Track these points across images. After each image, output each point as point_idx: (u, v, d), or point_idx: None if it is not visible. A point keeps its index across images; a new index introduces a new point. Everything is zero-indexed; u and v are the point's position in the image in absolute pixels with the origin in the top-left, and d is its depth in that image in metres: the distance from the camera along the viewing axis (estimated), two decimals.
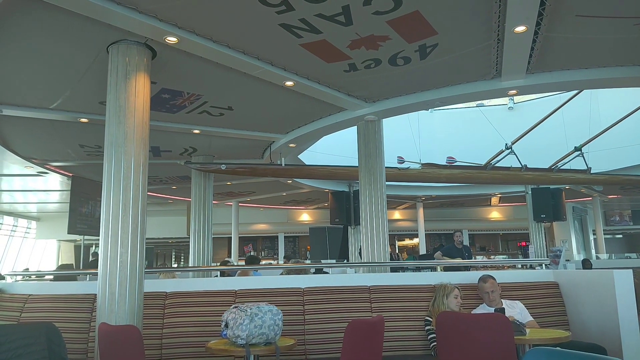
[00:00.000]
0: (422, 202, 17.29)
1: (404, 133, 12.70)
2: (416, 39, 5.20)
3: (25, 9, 4.38)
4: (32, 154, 9.66)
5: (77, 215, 11.62)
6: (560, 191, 14.11)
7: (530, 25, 4.81)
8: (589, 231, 19.06)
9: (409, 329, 4.80)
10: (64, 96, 6.51)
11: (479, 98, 7.83)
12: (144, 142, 4.89)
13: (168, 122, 7.74)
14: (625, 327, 4.26)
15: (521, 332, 4.01)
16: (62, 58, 5.46)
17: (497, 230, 20.12)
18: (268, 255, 20.42)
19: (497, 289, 4.84)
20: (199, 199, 10.21)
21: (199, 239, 10.07)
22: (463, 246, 9.66)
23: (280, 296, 4.91)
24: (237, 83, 6.27)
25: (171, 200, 15.74)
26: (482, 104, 15.05)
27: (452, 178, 10.86)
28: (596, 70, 6.18)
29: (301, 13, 4.56)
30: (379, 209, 7.49)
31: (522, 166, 10.33)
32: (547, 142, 12.48)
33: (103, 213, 4.70)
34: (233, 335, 3.83)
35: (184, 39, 4.89)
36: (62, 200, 15.28)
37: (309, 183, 13.36)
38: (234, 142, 9.08)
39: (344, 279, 5.48)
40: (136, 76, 4.90)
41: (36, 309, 5.11)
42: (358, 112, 7.44)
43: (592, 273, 5.16)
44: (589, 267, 10.84)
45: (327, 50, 5.41)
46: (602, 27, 5.14)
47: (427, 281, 5.14)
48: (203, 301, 4.88)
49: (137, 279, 4.63)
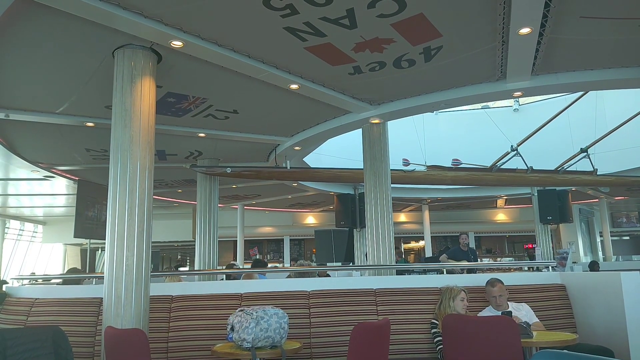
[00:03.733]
0: (428, 204, 17.25)
1: (409, 135, 12.66)
2: (421, 42, 5.20)
3: (31, 15, 4.41)
4: (38, 158, 9.71)
5: (83, 219, 11.63)
6: (567, 193, 14.04)
7: (535, 27, 4.80)
8: (596, 233, 18.96)
9: (415, 331, 4.79)
10: (70, 100, 6.54)
11: (484, 100, 7.82)
12: (149, 145, 4.91)
13: (173, 125, 7.76)
14: (633, 329, 4.24)
15: (528, 334, 3.99)
16: (68, 63, 5.49)
17: (503, 232, 20.03)
18: (274, 258, 20.41)
19: (505, 293, 4.82)
20: (204, 202, 10.22)
21: (205, 242, 10.08)
22: (469, 248, 9.63)
23: (286, 299, 4.91)
24: (242, 86, 6.28)
25: (177, 204, 15.77)
26: (487, 105, 15.02)
27: (458, 180, 10.83)
28: (601, 72, 6.15)
29: (306, 16, 4.57)
30: (385, 211, 7.48)
31: (527, 168, 10.28)
32: (553, 144, 12.43)
33: (109, 217, 4.72)
34: (239, 339, 3.84)
35: (189, 43, 4.91)
36: (68, 204, 15.35)
37: (314, 186, 13.36)
38: (239, 146, 9.10)
39: (349, 281, 5.48)
40: (142, 80, 4.93)
41: (42, 312, 5.13)
42: (363, 114, 7.44)
43: (599, 275, 5.14)
44: (597, 269, 10.79)
45: (331, 53, 5.41)
46: (607, 29, 5.13)
47: (433, 284, 5.13)
48: (209, 304, 4.89)
49: (143, 282, 4.64)
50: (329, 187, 13.85)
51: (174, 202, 15.46)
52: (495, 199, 17.24)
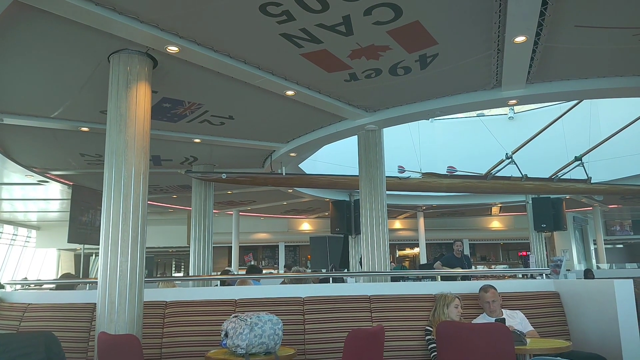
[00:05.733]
0: (423, 211, 17.28)
1: (404, 142, 12.70)
2: (416, 49, 5.22)
3: (26, 18, 4.40)
4: (32, 162, 9.67)
5: (77, 224, 11.61)
6: (561, 201, 14.11)
7: (530, 35, 4.83)
8: (590, 241, 19.03)
9: (410, 338, 4.79)
10: (64, 105, 6.53)
11: (479, 108, 7.84)
12: (144, 151, 4.90)
13: (169, 131, 7.75)
14: (626, 337, 4.25)
15: (522, 341, 4.00)
16: (64, 67, 5.48)
17: (497, 239, 20.08)
18: (268, 264, 20.37)
19: (498, 299, 4.84)
20: (199, 208, 10.21)
21: (199, 248, 10.06)
22: (463, 255, 9.64)
23: (280, 305, 4.90)
24: (238, 92, 6.29)
25: (171, 209, 15.74)
26: (482, 113, 15.09)
27: (453, 187, 10.86)
28: (596, 81, 6.19)
29: (302, 23, 4.58)
30: (380, 218, 7.49)
31: (522, 176, 10.33)
32: (548, 152, 12.49)
33: (103, 222, 4.70)
34: (233, 345, 3.82)
35: (185, 48, 4.91)
36: (62, 209, 15.28)
37: (309, 192, 13.36)
38: (235, 151, 9.10)
39: (344, 288, 5.48)
40: (137, 85, 4.92)
41: (35, 318, 5.10)
42: (358, 121, 7.46)
43: (593, 283, 5.16)
44: (591, 277, 10.81)
45: (327, 60, 5.43)
46: (602, 38, 5.16)
47: (427, 291, 5.14)
48: (203, 310, 4.87)
49: (137, 288, 4.62)
50: (324, 193, 13.86)
51: (169, 208, 15.43)
52: (490, 207, 17.30)
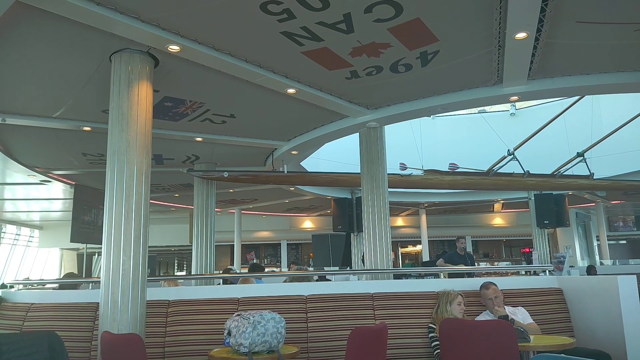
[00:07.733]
0: (425, 208, 17.27)
1: (406, 139, 12.68)
2: (417, 46, 5.21)
3: (28, 18, 4.41)
4: (35, 162, 9.69)
5: (79, 223, 11.62)
6: (563, 197, 14.08)
7: (531, 31, 4.82)
8: (593, 237, 18.99)
9: (413, 336, 4.78)
10: (66, 105, 6.54)
11: (481, 104, 7.83)
12: (146, 150, 4.90)
13: (170, 130, 7.76)
14: (630, 333, 4.24)
15: (525, 338, 3.99)
16: (65, 67, 5.48)
17: (500, 236, 20.07)
18: (271, 262, 20.39)
19: (500, 295, 4.83)
20: (201, 207, 10.21)
21: (202, 247, 10.07)
22: (465, 253, 9.63)
23: (283, 304, 4.89)
24: (239, 91, 6.29)
25: (174, 208, 15.75)
26: (484, 110, 15.05)
27: (455, 184, 10.85)
28: (597, 76, 6.19)
29: (303, 21, 4.58)
30: (382, 215, 7.48)
31: (524, 172, 10.32)
32: (550, 148, 12.46)
33: (106, 221, 4.70)
34: (236, 344, 3.82)
35: (186, 47, 4.91)
36: (64, 209, 15.31)
37: (311, 190, 13.36)
38: (237, 150, 9.10)
39: (346, 286, 5.46)
40: (139, 84, 4.92)
41: (39, 317, 5.10)
42: (360, 119, 7.45)
43: (596, 279, 5.14)
44: (594, 273, 10.79)
45: (328, 58, 5.42)
46: (603, 33, 5.15)
47: (430, 288, 5.12)
48: (206, 309, 4.87)
49: (140, 287, 4.63)
50: (326, 191, 13.85)
51: (171, 207, 15.44)
52: (492, 203, 17.28)
